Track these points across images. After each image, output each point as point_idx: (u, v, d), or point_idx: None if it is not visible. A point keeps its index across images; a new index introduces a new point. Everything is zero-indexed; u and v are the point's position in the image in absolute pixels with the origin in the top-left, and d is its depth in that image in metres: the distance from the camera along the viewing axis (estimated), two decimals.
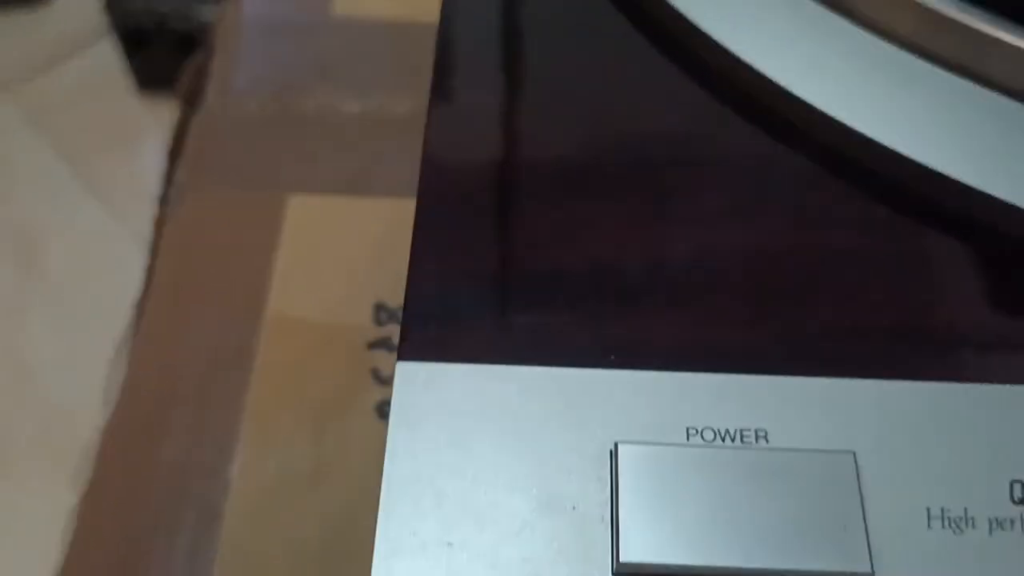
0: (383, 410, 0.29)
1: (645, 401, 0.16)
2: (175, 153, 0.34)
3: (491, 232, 0.18)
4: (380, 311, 0.31)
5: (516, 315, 0.17)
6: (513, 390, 0.16)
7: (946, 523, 0.15)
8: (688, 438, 0.16)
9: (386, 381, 0.30)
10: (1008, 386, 0.16)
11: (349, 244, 0.32)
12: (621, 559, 0.14)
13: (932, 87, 0.18)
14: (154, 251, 0.33)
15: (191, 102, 0.36)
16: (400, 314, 0.30)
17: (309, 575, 0.28)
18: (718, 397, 0.16)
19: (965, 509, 0.15)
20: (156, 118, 1.11)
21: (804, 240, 0.18)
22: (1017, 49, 0.17)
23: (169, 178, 0.34)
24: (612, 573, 0.15)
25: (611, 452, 0.16)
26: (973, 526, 0.15)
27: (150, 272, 0.32)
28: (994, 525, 0.15)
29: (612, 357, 0.16)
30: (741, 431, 0.16)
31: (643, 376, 0.16)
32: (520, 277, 0.18)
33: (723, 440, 0.16)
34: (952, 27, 0.18)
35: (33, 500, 0.81)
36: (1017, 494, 0.15)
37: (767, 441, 0.16)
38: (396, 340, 0.31)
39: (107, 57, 1.12)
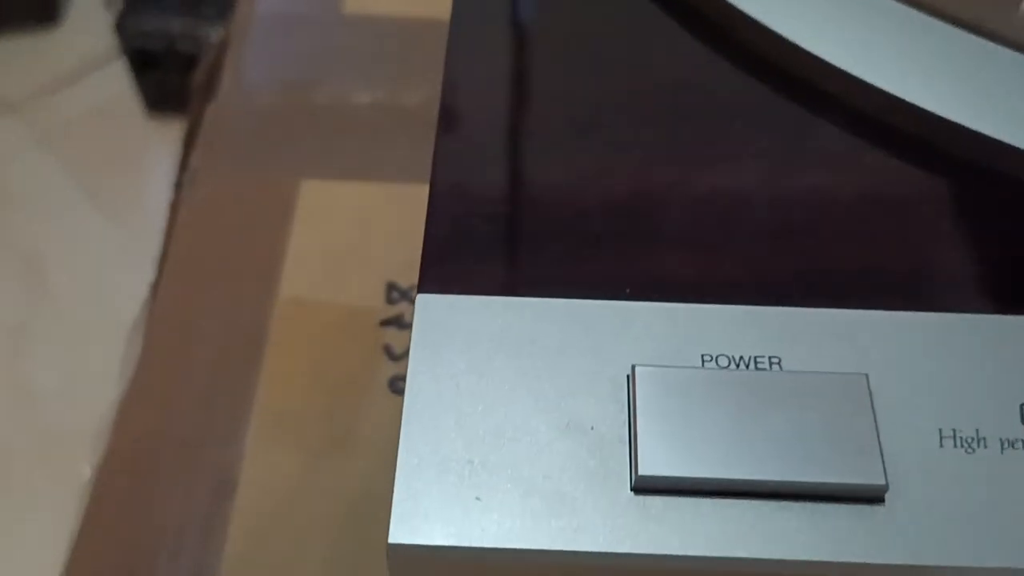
0: (396, 385, 0.29)
1: (660, 331, 0.16)
2: (189, 141, 0.35)
3: (508, 174, 0.18)
4: (392, 290, 0.31)
5: (532, 251, 0.18)
6: (531, 320, 0.16)
7: (958, 443, 0.15)
8: (703, 364, 0.16)
9: (398, 357, 0.30)
10: (1016, 317, 0.16)
11: (361, 227, 0.33)
12: (640, 472, 0.15)
13: (934, 36, 0.19)
14: (168, 234, 0.33)
15: (206, 94, 0.36)
16: (412, 293, 0.31)
17: (322, 546, 0.28)
18: (732, 327, 0.16)
19: (976, 430, 0.15)
20: (164, 139, 1.12)
21: (815, 183, 0.18)
22: None
23: (184, 164, 0.34)
24: (631, 487, 0.15)
25: (628, 377, 0.16)
26: (985, 446, 0.15)
27: (164, 254, 0.33)
28: (1005, 445, 0.15)
29: (627, 290, 0.17)
30: (755, 358, 0.16)
31: (658, 307, 0.17)
32: (536, 216, 0.18)
33: (737, 366, 0.16)
34: None
35: (34, 519, 0.81)
36: None
37: (780, 367, 0.16)
38: (408, 318, 0.32)
39: (117, 79, 1.13)
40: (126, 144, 1.14)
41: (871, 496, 0.15)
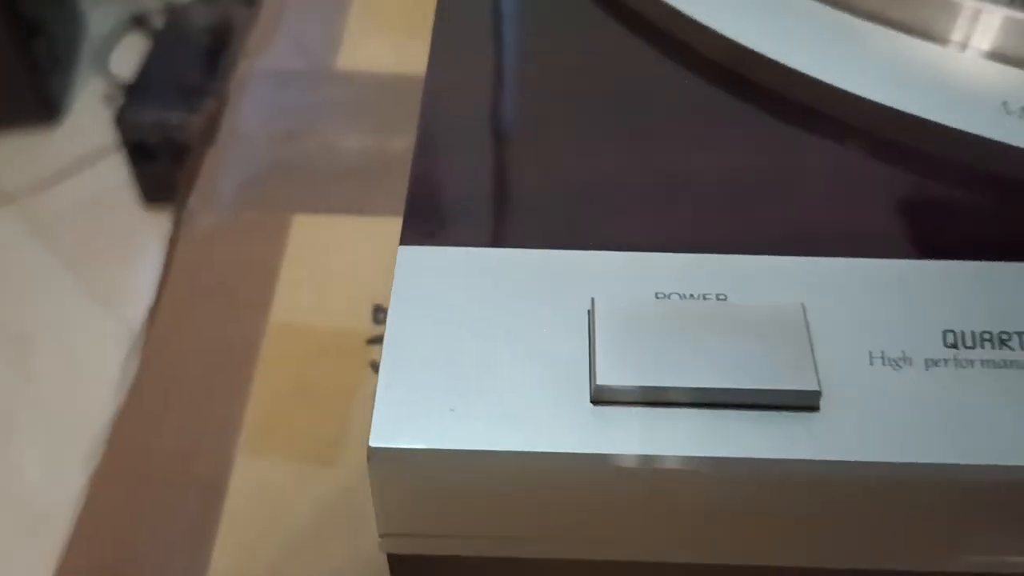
0: None
1: (618, 275, 0.18)
2: (188, 183, 0.37)
3: (480, 150, 0.21)
4: (379, 311, 0.33)
5: (503, 210, 0.19)
6: (501, 266, 0.18)
7: (886, 362, 0.17)
8: (656, 299, 0.18)
9: None
10: (935, 261, 0.18)
11: (349, 257, 0.35)
12: (597, 382, 0.16)
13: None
14: (166, 266, 0.35)
15: (205, 140, 0.39)
16: None
17: (308, 554, 0.29)
18: (683, 270, 0.18)
19: (903, 351, 0.17)
20: (159, 229, 1.15)
21: (755, 157, 0.20)
22: None
23: (182, 204, 0.36)
24: (591, 399, 0.16)
25: (589, 311, 0.17)
26: (910, 364, 0.17)
27: (161, 283, 0.34)
28: (929, 364, 0.17)
29: (589, 242, 0.19)
30: (703, 295, 0.18)
31: (616, 255, 0.18)
32: (506, 181, 0.20)
33: (689, 302, 0.18)
34: None
35: None
36: (949, 340, 0.17)
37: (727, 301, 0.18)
38: None
39: (115, 172, 1.17)
40: (120, 234, 1.16)
41: (807, 403, 0.16)
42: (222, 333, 0.33)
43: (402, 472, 0.16)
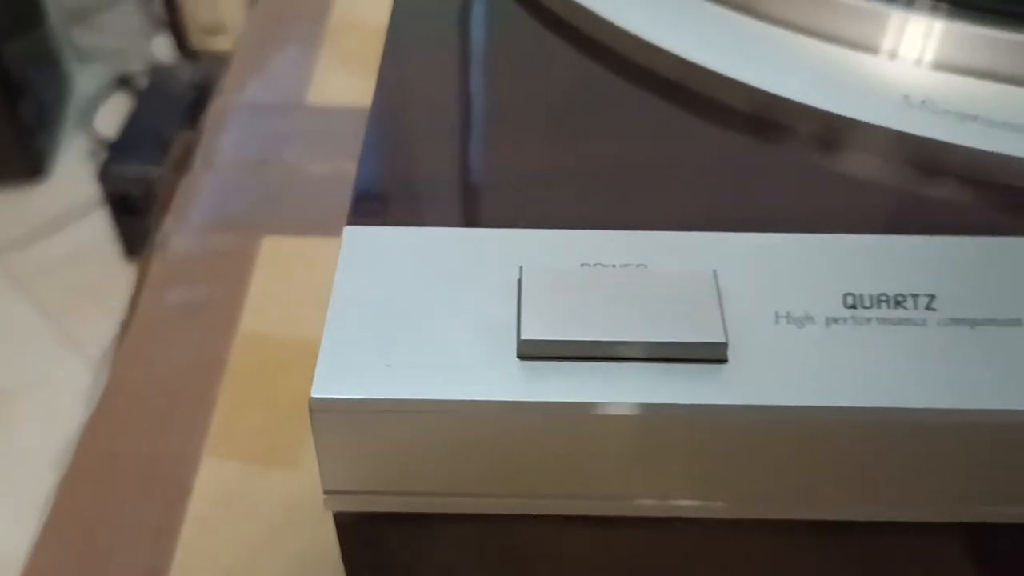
0: None
1: (547, 248, 0.20)
2: (162, 210, 0.39)
3: (422, 143, 0.22)
4: None
5: (440, 193, 0.21)
6: (438, 243, 0.20)
7: (791, 320, 0.18)
8: (581, 268, 0.19)
9: None
10: (843, 235, 0.20)
11: (316, 275, 0.36)
12: (522, 336, 0.17)
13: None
14: (138, 284, 0.36)
15: (178, 171, 0.40)
16: None
17: (272, 550, 0.30)
18: (607, 245, 0.20)
19: (806, 311, 0.18)
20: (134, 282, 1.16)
21: (677, 149, 0.22)
22: None
23: (156, 228, 0.38)
24: (517, 355, 0.18)
25: (518, 280, 0.19)
26: (813, 323, 0.18)
27: (133, 301, 0.36)
28: (830, 321, 0.18)
29: (521, 222, 0.20)
30: (625, 265, 0.19)
31: (546, 232, 0.20)
32: (444, 169, 0.21)
33: (609, 269, 0.19)
34: None
35: None
36: (849, 302, 0.19)
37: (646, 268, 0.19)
38: None
39: (97, 226, 1.18)
40: (103, 287, 1.17)
41: (715, 355, 0.18)
42: (191, 345, 0.34)
43: (341, 423, 0.17)
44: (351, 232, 0.20)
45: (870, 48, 0.23)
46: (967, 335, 0.18)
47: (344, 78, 0.45)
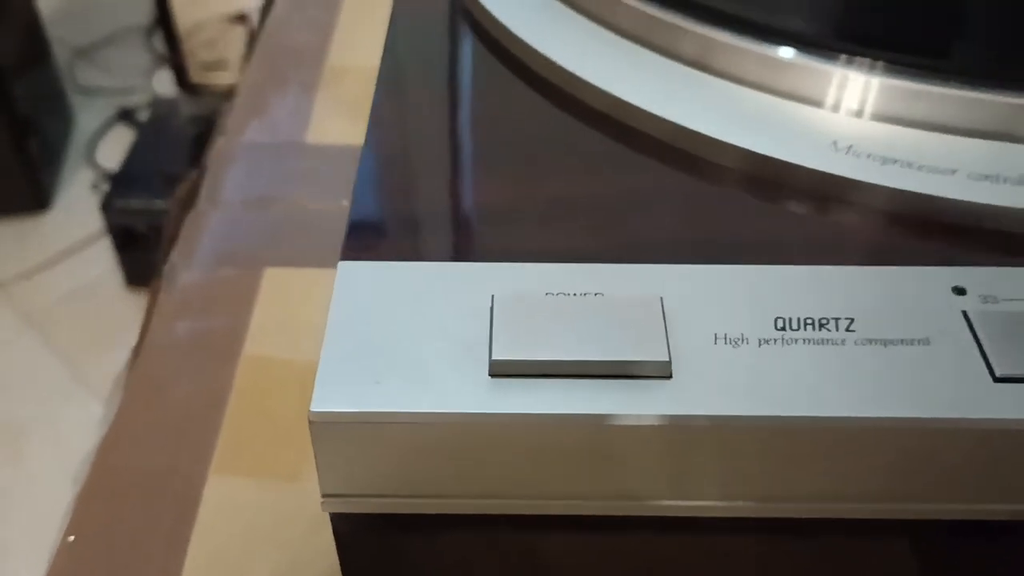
0: None
1: (516, 279, 0.22)
2: (169, 244, 0.41)
3: (407, 183, 0.25)
4: None
5: (424, 233, 0.24)
6: (422, 276, 0.22)
7: (727, 341, 0.21)
8: (546, 296, 0.22)
9: None
10: (776, 266, 0.22)
11: (315, 304, 0.39)
12: (493, 357, 0.20)
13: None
14: (148, 313, 0.39)
15: (185, 208, 0.43)
16: None
17: (273, 557, 0.32)
18: (569, 276, 0.22)
19: (741, 333, 0.21)
20: (142, 312, 1.18)
21: (629, 186, 0.25)
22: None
23: (163, 261, 0.41)
24: (488, 373, 0.20)
25: (490, 307, 0.22)
26: (747, 343, 0.21)
27: (144, 330, 0.38)
28: (762, 342, 0.21)
29: (494, 256, 0.23)
30: (584, 293, 0.22)
31: (516, 265, 0.23)
32: (427, 210, 0.24)
33: (570, 297, 0.22)
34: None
35: None
36: (779, 325, 0.21)
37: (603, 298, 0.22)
38: None
39: (101, 258, 1.21)
40: (107, 319, 1.20)
41: (661, 372, 0.20)
42: (198, 370, 0.37)
43: (337, 434, 0.20)
44: (344, 267, 0.23)
45: (807, 99, 0.26)
46: (881, 352, 0.21)
47: (340, 120, 0.48)
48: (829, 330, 0.21)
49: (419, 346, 0.21)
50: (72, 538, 0.32)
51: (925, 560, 0.23)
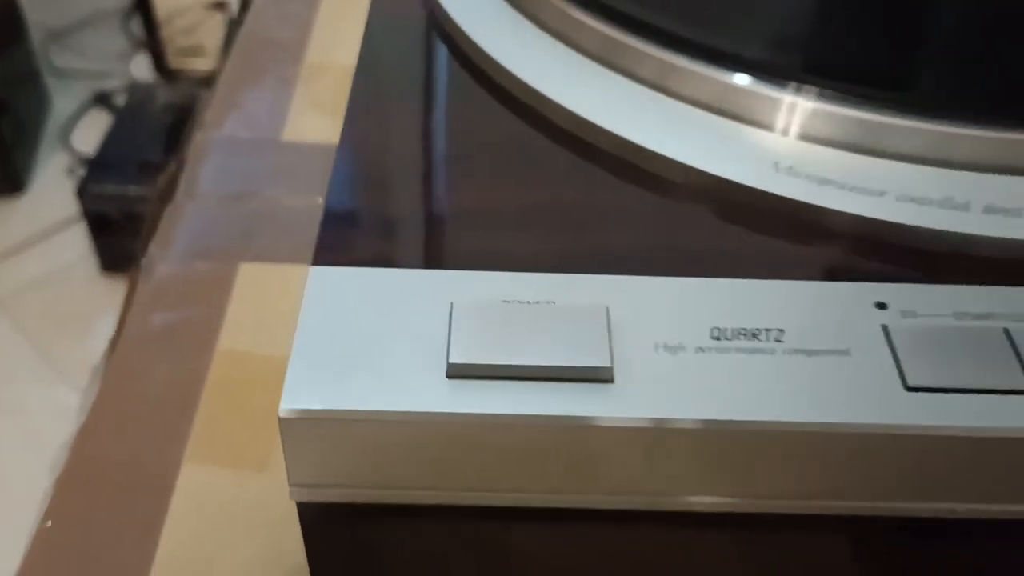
0: None
1: (475, 286, 0.24)
2: (148, 236, 0.43)
3: (378, 191, 0.26)
4: None
5: (390, 241, 0.25)
6: (387, 282, 0.24)
7: (666, 349, 0.23)
8: (502, 303, 0.24)
9: None
10: (713, 279, 0.24)
11: (289, 299, 0.40)
12: (451, 360, 0.22)
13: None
14: (126, 304, 0.40)
15: (163, 200, 0.44)
16: None
17: (242, 551, 0.34)
18: (524, 285, 0.24)
19: (679, 341, 0.23)
20: (118, 299, 1.19)
21: (583, 200, 0.27)
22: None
23: (141, 254, 0.42)
24: (446, 374, 0.22)
25: (450, 313, 0.23)
26: (684, 351, 0.23)
27: (121, 322, 0.40)
28: (699, 350, 0.23)
29: (455, 264, 0.25)
30: (537, 301, 0.24)
31: (474, 273, 0.24)
32: (395, 216, 0.26)
33: (524, 305, 0.24)
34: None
35: None
36: (714, 335, 0.23)
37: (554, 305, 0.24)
38: None
39: (75, 243, 1.21)
40: (80, 305, 1.21)
41: (603, 376, 0.22)
42: (173, 361, 0.38)
43: (305, 429, 0.22)
44: (315, 271, 0.24)
45: (755, 122, 0.28)
46: (806, 362, 0.22)
47: (316, 118, 0.49)
48: (760, 340, 0.23)
49: (383, 348, 0.22)
50: (50, 523, 0.34)
51: (855, 553, 0.25)
